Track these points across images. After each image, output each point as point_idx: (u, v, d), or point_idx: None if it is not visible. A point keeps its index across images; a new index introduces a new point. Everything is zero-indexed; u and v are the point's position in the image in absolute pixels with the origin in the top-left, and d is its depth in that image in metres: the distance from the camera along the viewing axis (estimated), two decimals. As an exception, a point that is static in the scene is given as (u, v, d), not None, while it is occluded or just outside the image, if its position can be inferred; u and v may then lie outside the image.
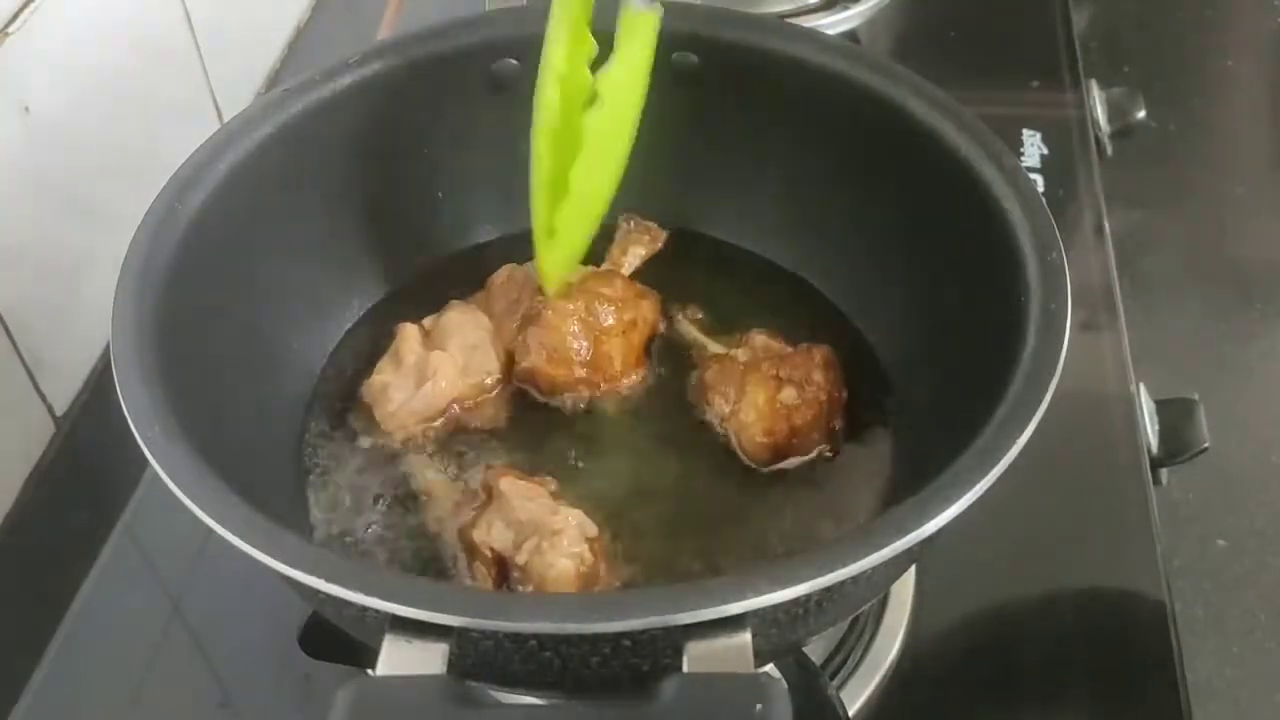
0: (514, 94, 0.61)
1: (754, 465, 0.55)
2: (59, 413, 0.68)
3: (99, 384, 0.70)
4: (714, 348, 0.59)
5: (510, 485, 0.50)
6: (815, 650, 0.54)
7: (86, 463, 0.67)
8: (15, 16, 0.62)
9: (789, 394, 0.54)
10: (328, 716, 0.34)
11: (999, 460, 0.40)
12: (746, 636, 0.36)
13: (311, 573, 0.38)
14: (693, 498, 0.54)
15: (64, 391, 0.68)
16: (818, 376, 0.55)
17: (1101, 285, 0.72)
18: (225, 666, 0.57)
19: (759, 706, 0.33)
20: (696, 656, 0.36)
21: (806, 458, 0.55)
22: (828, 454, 0.55)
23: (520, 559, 0.48)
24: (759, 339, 0.58)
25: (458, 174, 0.64)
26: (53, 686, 0.56)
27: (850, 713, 0.53)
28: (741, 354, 0.57)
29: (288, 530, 0.40)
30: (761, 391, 0.54)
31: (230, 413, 0.50)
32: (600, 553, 0.50)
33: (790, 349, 0.57)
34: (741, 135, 0.63)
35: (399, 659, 0.36)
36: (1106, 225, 0.77)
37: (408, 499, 0.54)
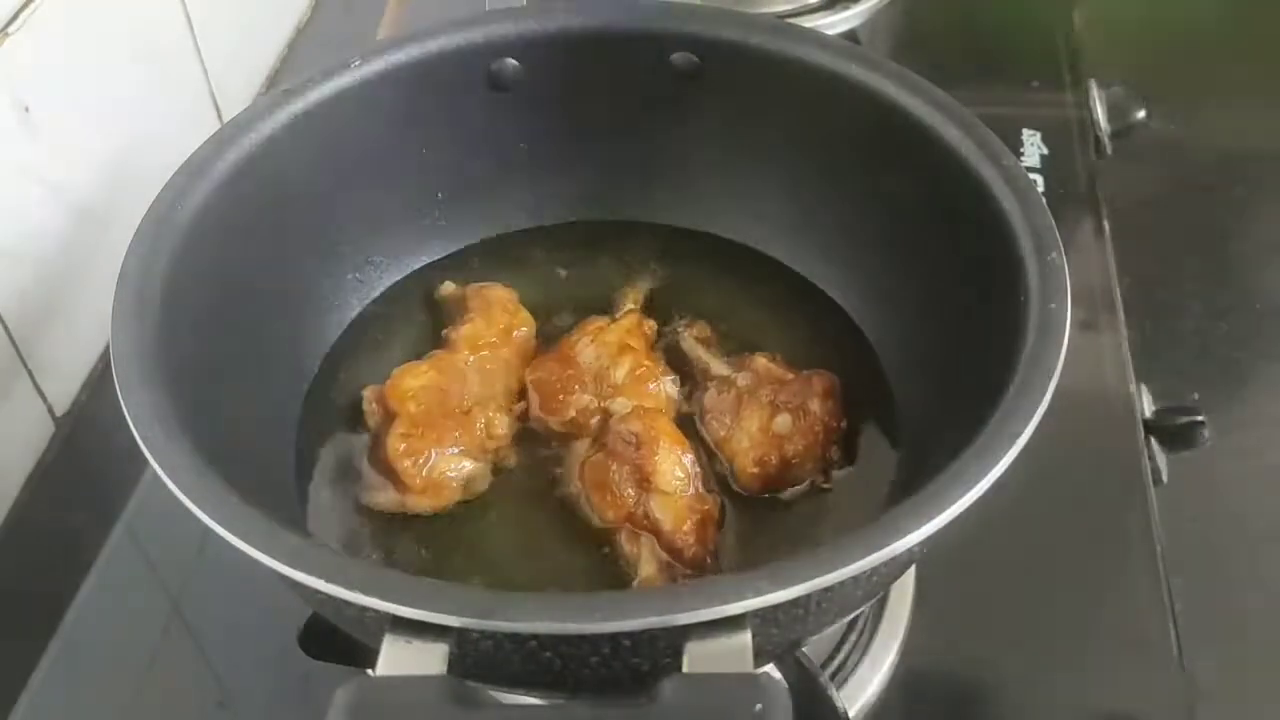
0: (514, 94, 0.61)
1: (744, 492, 0.54)
2: (59, 413, 0.68)
3: (99, 384, 0.70)
4: (716, 368, 0.58)
5: None
6: (815, 650, 0.54)
7: (86, 463, 0.67)
8: (15, 16, 0.62)
9: (783, 421, 0.54)
10: (328, 716, 0.34)
11: (998, 460, 0.40)
12: (746, 636, 0.36)
13: (311, 573, 0.38)
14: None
15: (64, 391, 0.68)
16: (815, 406, 0.54)
17: (1101, 285, 0.72)
18: (225, 666, 0.57)
19: (759, 706, 0.33)
20: (696, 656, 0.36)
21: (797, 490, 0.54)
22: (822, 485, 0.54)
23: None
24: (760, 362, 0.57)
25: (457, 173, 0.64)
26: (53, 686, 0.56)
27: (850, 713, 0.53)
28: (741, 378, 0.56)
29: (288, 530, 0.40)
30: (755, 419, 0.54)
31: (230, 413, 0.49)
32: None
33: (790, 375, 0.56)
34: (741, 135, 0.63)
35: (399, 659, 0.36)
36: (1106, 225, 0.77)
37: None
